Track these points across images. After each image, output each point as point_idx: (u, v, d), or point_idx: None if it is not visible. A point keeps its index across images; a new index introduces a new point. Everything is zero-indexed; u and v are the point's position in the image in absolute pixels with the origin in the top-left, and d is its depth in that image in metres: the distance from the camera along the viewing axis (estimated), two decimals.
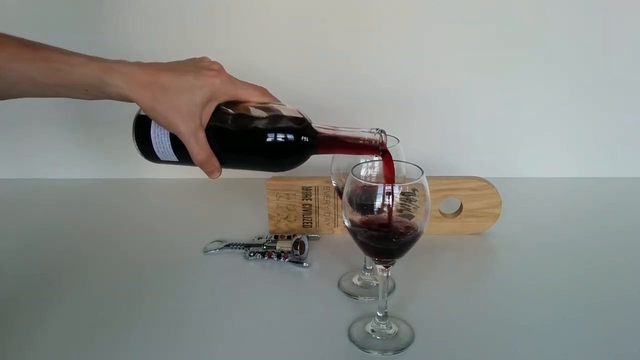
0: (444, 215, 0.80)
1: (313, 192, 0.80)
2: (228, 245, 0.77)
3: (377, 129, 0.54)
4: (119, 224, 0.88)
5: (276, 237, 0.78)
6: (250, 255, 0.75)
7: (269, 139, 0.54)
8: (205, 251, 0.77)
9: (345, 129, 0.55)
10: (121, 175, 1.06)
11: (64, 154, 1.06)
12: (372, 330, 0.58)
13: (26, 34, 0.52)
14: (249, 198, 0.95)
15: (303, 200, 0.80)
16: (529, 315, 0.62)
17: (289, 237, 0.77)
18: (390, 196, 0.51)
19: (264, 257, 0.75)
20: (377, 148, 0.53)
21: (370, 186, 0.52)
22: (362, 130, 0.54)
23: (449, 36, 0.95)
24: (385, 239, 0.53)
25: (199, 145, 0.53)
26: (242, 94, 0.56)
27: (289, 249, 0.74)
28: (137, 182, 1.04)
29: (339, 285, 0.68)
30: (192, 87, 0.52)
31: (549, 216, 0.88)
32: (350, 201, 0.52)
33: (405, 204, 0.52)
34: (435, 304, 0.64)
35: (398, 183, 0.53)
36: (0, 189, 1.04)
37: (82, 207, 0.96)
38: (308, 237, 0.77)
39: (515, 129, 1.01)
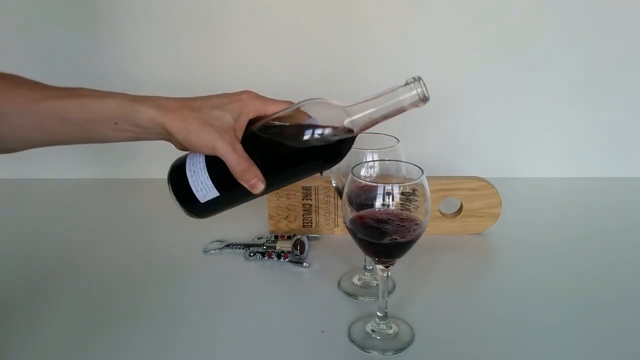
0: (444, 215, 0.80)
1: (313, 192, 0.80)
2: (228, 245, 0.77)
3: (413, 78, 0.52)
4: (119, 223, 0.88)
5: (276, 237, 0.78)
6: (250, 255, 0.75)
7: (307, 138, 0.52)
8: (205, 251, 0.77)
9: (382, 97, 0.53)
10: (121, 175, 1.06)
11: (64, 154, 1.06)
12: (372, 330, 0.58)
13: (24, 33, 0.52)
14: None
15: (303, 200, 0.80)
16: (528, 315, 0.62)
17: (289, 237, 0.77)
18: (390, 196, 0.51)
19: (264, 257, 0.75)
20: (423, 100, 0.53)
21: (370, 186, 0.52)
22: (397, 88, 0.52)
23: (450, 37, 0.95)
24: (384, 238, 0.53)
25: (237, 154, 0.51)
26: (271, 109, 0.55)
27: (289, 249, 0.74)
28: (137, 182, 1.04)
29: (339, 285, 0.68)
30: (221, 103, 0.53)
31: (549, 216, 0.88)
32: (350, 201, 0.52)
33: (405, 204, 0.52)
34: (435, 304, 0.64)
35: (398, 183, 0.53)
36: (0, 189, 1.04)
37: (82, 207, 0.96)
38: (308, 237, 0.77)
39: (515, 129, 1.01)
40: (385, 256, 0.54)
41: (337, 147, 0.53)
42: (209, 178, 0.54)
